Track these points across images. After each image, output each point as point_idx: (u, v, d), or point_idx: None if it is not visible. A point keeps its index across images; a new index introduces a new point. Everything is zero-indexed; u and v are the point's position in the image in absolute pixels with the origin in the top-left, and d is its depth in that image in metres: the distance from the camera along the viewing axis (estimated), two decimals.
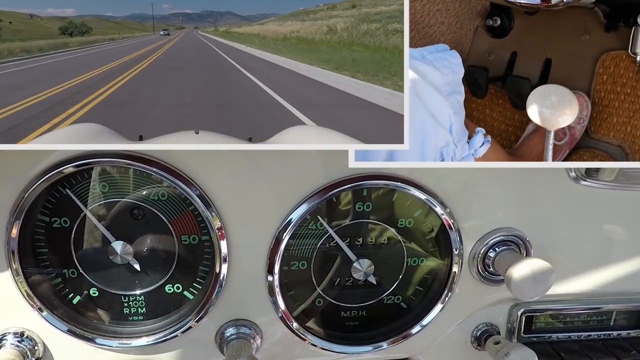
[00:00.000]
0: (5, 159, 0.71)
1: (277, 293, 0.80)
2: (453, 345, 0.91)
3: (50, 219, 0.75)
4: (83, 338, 0.79)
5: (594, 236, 0.88)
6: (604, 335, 0.95)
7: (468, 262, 0.85)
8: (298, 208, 0.77)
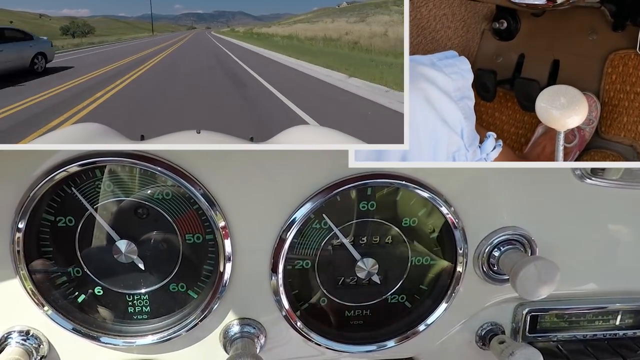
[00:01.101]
0: (9, 159, 0.71)
1: (281, 292, 0.80)
2: (458, 345, 0.91)
3: (55, 218, 0.76)
4: (88, 336, 0.80)
5: (599, 235, 0.88)
6: (609, 335, 0.95)
7: (473, 261, 0.85)
8: (302, 207, 0.77)
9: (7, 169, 0.72)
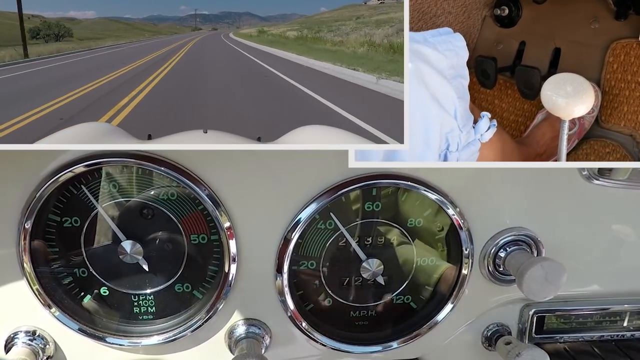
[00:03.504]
0: (16, 159, 0.71)
1: (286, 292, 0.80)
2: (463, 346, 0.91)
3: (61, 218, 0.76)
4: (94, 337, 0.80)
5: (606, 235, 0.87)
6: (617, 336, 0.94)
7: (479, 261, 0.85)
8: (307, 207, 0.77)
9: (13, 169, 0.72)
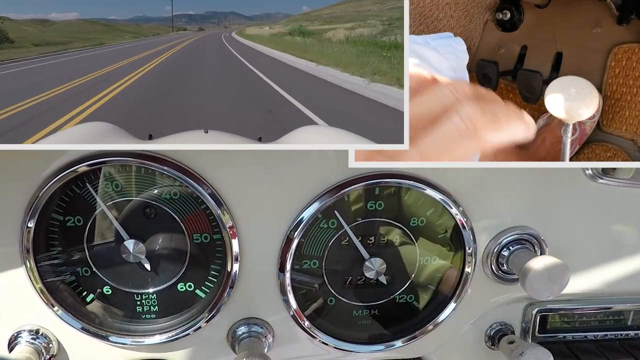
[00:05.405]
0: (18, 159, 0.72)
1: (289, 292, 0.80)
2: (467, 345, 0.91)
3: (64, 217, 0.76)
4: (97, 336, 0.80)
5: (610, 235, 0.87)
6: (620, 335, 0.94)
7: (482, 260, 0.84)
8: (309, 207, 0.77)
9: (16, 168, 0.72)
